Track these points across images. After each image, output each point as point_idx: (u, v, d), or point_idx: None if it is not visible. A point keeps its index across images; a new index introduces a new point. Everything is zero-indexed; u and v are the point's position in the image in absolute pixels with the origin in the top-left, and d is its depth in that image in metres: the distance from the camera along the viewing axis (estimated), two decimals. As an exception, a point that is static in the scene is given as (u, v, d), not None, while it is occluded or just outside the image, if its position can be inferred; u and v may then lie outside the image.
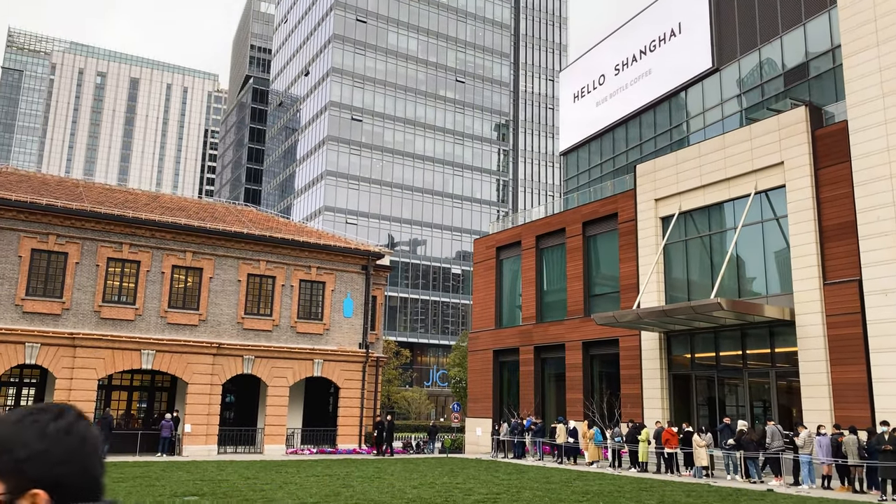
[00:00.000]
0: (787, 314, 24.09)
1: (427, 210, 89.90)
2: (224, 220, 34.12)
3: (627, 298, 30.46)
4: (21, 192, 29.13)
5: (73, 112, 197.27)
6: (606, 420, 29.68)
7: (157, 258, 30.56)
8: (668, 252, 29.49)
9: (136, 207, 31.85)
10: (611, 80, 44.76)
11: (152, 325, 30.01)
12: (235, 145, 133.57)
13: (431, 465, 25.90)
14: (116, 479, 18.94)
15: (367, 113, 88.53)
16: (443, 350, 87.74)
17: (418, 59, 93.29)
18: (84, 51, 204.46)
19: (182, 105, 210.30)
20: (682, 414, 27.76)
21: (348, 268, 34.99)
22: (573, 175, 47.89)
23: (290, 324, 33.10)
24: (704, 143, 28.45)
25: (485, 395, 37.55)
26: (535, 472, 23.91)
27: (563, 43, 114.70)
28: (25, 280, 27.85)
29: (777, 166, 25.52)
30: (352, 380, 33.93)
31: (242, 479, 19.61)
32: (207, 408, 30.30)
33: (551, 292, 35.53)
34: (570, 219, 34.47)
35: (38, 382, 29.57)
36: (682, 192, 28.91)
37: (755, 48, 34.06)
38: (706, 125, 36.47)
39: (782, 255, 25.35)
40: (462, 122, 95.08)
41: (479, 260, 40.31)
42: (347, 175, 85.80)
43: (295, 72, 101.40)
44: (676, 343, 28.72)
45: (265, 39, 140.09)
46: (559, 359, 34.00)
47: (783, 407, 24.87)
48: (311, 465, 25.17)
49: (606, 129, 44.49)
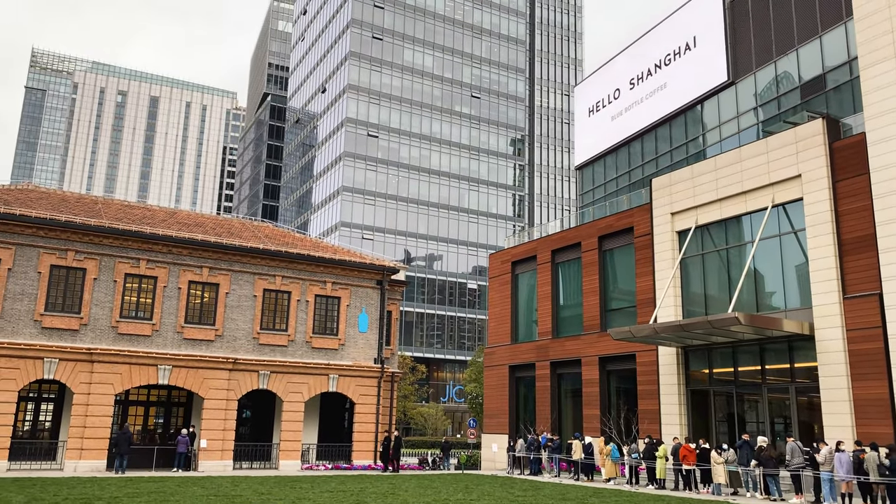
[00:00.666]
0: (806, 329, 23.76)
1: (443, 225, 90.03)
2: (240, 235, 34.34)
3: (644, 313, 30.21)
4: (41, 208, 29.52)
5: (94, 130, 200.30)
6: (624, 436, 29.35)
7: (173, 274, 30.79)
8: (684, 266, 29.25)
9: (153, 224, 32.14)
10: (626, 94, 44.71)
11: (169, 341, 30.18)
12: (253, 162, 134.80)
13: (446, 482, 25.72)
14: (132, 494, 18.98)
15: (384, 129, 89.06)
16: (459, 365, 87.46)
17: (434, 76, 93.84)
18: (105, 70, 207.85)
19: (201, 123, 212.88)
20: (701, 430, 27.39)
21: (363, 283, 35.05)
22: (589, 189, 47.76)
23: (306, 339, 33.15)
24: (720, 157, 28.27)
25: (501, 411, 37.32)
26: (550, 488, 23.66)
27: (578, 58, 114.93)
28: (44, 296, 28.15)
29: (794, 179, 25.29)
30: (367, 395, 33.86)
31: (257, 494, 19.57)
32: (223, 423, 30.34)
33: (567, 307, 35.34)
34: (586, 233, 34.33)
35: (57, 398, 29.79)
36: (699, 205, 28.71)
37: (771, 61, 33.89)
38: (722, 138, 36.27)
39: (801, 269, 25.05)
40: (478, 138, 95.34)
41: (495, 275, 40.21)
42: (363, 191, 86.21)
43: (312, 89, 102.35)
44: (694, 358, 28.40)
45: (283, 57, 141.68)
46: (576, 374, 33.74)
47: (804, 423, 24.46)
48: (325, 480, 25.09)
49: (622, 142, 44.38)
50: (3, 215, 27.49)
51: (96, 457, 27.80)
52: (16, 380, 26.99)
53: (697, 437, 26.41)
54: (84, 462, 27.50)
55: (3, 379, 26.74)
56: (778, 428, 25.36)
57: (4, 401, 26.67)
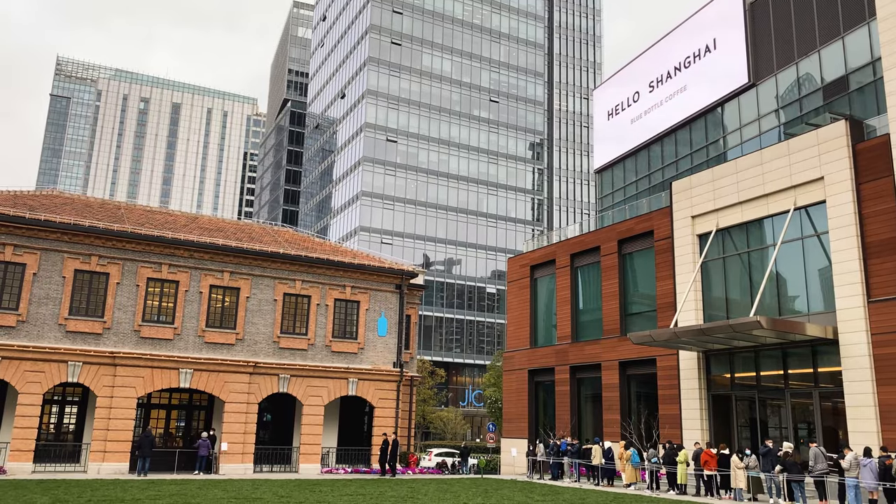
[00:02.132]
0: (829, 333, 23.45)
1: (462, 229, 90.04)
2: (261, 240, 34.61)
3: (664, 317, 29.99)
4: (65, 214, 29.96)
5: (117, 137, 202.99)
6: (644, 441, 29.13)
7: (195, 278, 31.08)
8: (705, 270, 29.00)
9: (175, 229, 32.49)
10: (645, 97, 44.50)
11: (190, 345, 30.46)
12: (274, 167, 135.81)
13: (466, 486, 25.68)
14: (154, 496, 19.17)
15: (402, 134, 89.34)
16: (478, 370, 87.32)
17: (452, 80, 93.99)
18: (128, 77, 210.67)
19: (222, 129, 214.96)
20: (723, 435, 27.11)
21: (382, 287, 35.15)
22: (608, 193, 47.56)
23: (325, 343, 33.30)
24: (742, 159, 28.03)
25: (520, 416, 37.19)
26: (570, 493, 23.54)
27: (597, 61, 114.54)
28: (69, 300, 28.55)
29: (817, 181, 25.00)
30: (386, 399, 33.93)
31: (277, 497, 19.67)
32: (244, 426, 30.54)
33: (587, 311, 35.17)
34: (606, 237, 34.16)
35: (81, 401, 30.17)
36: (720, 208, 28.47)
37: (792, 62, 33.58)
38: (743, 141, 35.97)
39: (824, 273, 24.74)
40: (496, 142, 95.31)
41: (514, 279, 40.14)
42: (382, 195, 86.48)
43: (331, 95, 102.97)
44: (716, 362, 28.14)
45: (302, 63, 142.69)
46: (595, 379, 33.56)
47: (828, 428, 24.12)
48: (344, 484, 25.15)
49: (641, 146, 44.16)
50: (28, 221, 27.93)
51: (119, 459, 28.11)
52: (41, 383, 27.38)
53: (719, 442, 26.14)
54: (107, 464, 27.81)
55: (29, 382, 27.14)
56: (801, 433, 25.03)
57: (30, 403, 27.05)
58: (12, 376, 26.94)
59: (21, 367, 27.11)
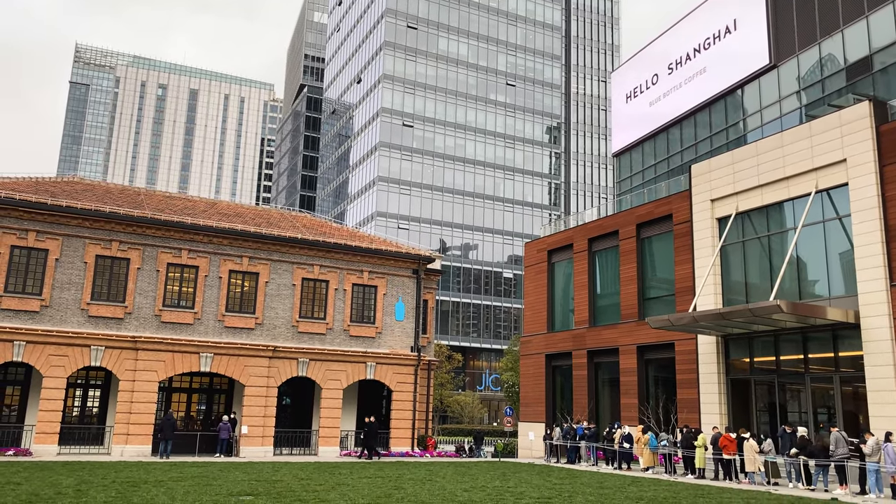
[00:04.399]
0: (851, 317, 23.22)
1: (478, 214, 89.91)
2: (279, 225, 34.78)
3: (683, 301, 29.83)
4: (86, 200, 30.27)
5: (136, 123, 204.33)
6: (662, 425, 29.10)
7: (214, 263, 31.34)
8: (725, 254, 28.78)
9: (194, 214, 32.73)
10: (664, 80, 44.03)
11: (210, 329, 30.77)
12: (291, 153, 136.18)
13: (483, 469, 25.83)
14: (176, 478, 19.46)
15: (419, 118, 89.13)
16: (495, 354, 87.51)
17: (468, 64, 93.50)
18: (146, 64, 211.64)
19: (239, 115, 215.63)
20: (741, 420, 27.00)
21: (399, 272, 35.25)
22: (626, 176, 47.25)
23: (344, 327, 33.50)
24: (762, 142, 27.69)
25: (537, 400, 37.27)
26: (588, 477, 23.61)
27: (614, 43, 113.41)
28: (90, 285, 28.91)
29: (839, 164, 24.66)
30: (404, 383, 34.13)
31: (297, 479, 19.91)
32: (264, 410, 30.88)
33: (604, 296, 35.07)
34: (624, 221, 33.97)
35: (104, 384, 30.63)
36: (739, 192, 28.19)
37: (815, 43, 33.03)
38: (763, 123, 35.53)
39: (845, 256, 24.45)
40: (513, 126, 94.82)
41: (530, 263, 40.07)
42: (399, 180, 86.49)
43: (347, 80, 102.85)
44: (735, 347, 27.98)
45: (318, 49, 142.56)
46: (613, 363, 33.51)
47: (849, 413, 23.95)
48: (363, 466, 25.39)
49: (660, 129, 43.75)
50: (50, 207, 28.27)
51: (142, 442, 28.55)
52: (64, 367, 27.82)
53: (738, 426, 26.05)
54: (130, 447, 28.27)
55: (53, 366, 27.59)
56: (821, 418, 24.88)
57: (54, 387, 27.51)
58: (37, 360, 27.39)
59: (45, 351, 27.56)
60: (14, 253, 27.95)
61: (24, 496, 14.70)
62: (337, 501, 15.19)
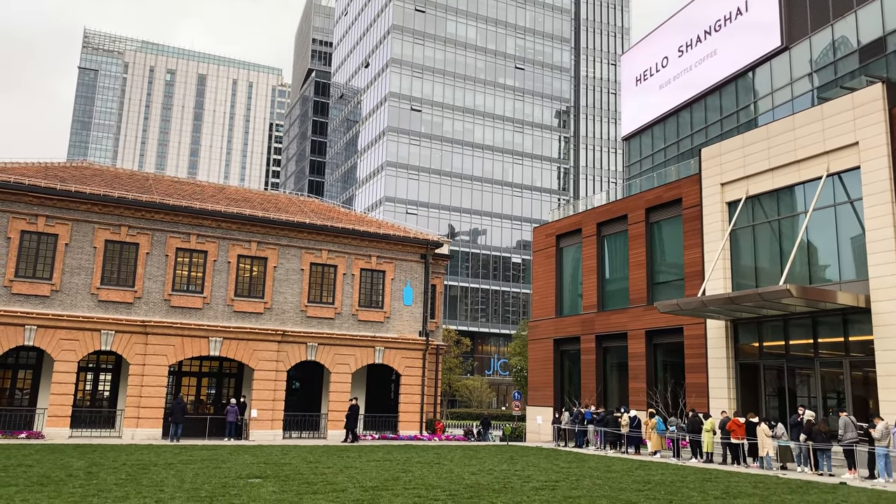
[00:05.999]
0: (861, 301, 23.07)
1: (487, 199, 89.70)
2: (287, 210, 34.81)
3: (692, 286, 29.72)
4: (95, 185, 30.35)
5: (144, 109, 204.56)
6: (670, 410, 29.08)
7: (223, 248, 31.42)
8: (734, 238, 28.60)
9: (202, 199, 32.78)
10: (674, 63, 43.63)
11: (219, 313, 30.90)
12: (299, 138, 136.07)
13: (491, 453, 25.92)
14: (186, 461, 19.63)
15: (427, 103, 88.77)
16: (503, 339, 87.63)
17: (477, 47, 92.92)
18: (154, 49, 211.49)
19: (248, 100, 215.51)
20: (750, 404, 26.95)
21: (407, 257, 35.26)
22: (636, 160, 46.96)
23: (352, 312, 33.58)
24: (773, 125, 27.42)
25: (545, 384, 37.32)
26: (596, 461, 23.65)
27: (625, 26, 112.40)
28: (100, 270, 29.06)
29: (851, 147, 24.40)
30: (412, 367, 34.23)
31: (305, 462, 20.03)
32: (273, 394, 31.05)
33: (613, 280, 34.97)
34: (633, 205, 33.80)
35: (114, 368, 30.86)
36: (750, 175, 27.96)
37: (827, 24, 32.60)
38: (775, 106, 35.17)
39: (856, 240, 24.25)
40: (522, 110, 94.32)
41: (539, 248, 39.98)
42: (407, 165, 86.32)
43: (355, 64, 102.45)
44: (744, 331, 27.88)
45: (326, 33, 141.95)
46: (621, 348, 33.48)
47: (858, 398, 23.86)
48: (372, 450, 25.53)
49: (670, 112, 43.41)
50: (59, 192, 28.36)
51: (152, 425, 28.79)
52: (75, 351, 28.03)
53: (746, 411, 26.01)
54: (141, 430, 28.52)
55: (64, 350, 27.80)
56: (830, 402, 24.80)
57: (65, 371, 27.74)
58: (48, 344, 27.60)
59: (56, 335, 27.76)
60: (24, 238, 28.10)
61: (35, 478, 14.85)
62: (345, 484, 15.28)
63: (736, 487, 16.81)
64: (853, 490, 17.02)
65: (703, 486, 17.00)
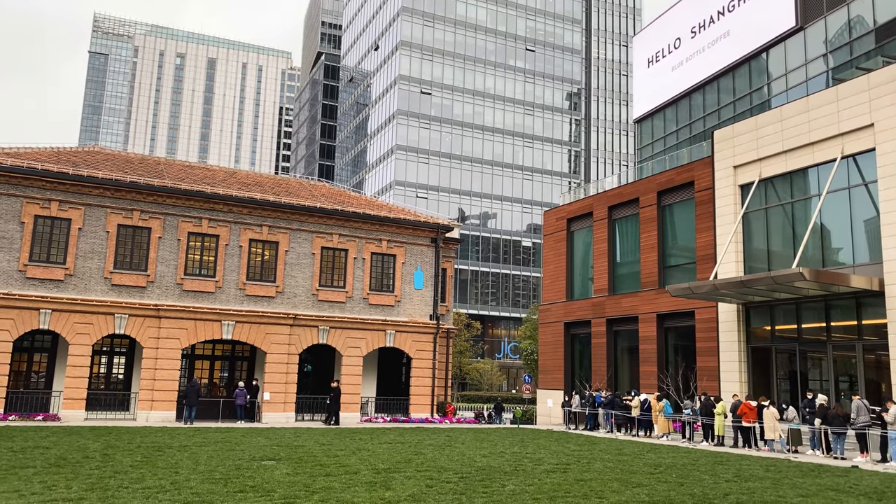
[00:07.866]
0: (875, 284, 22.91)
1: (497, 183, 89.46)
2: (298, 194, 34.86)
3: (704, 269, 29.59)
4: (107, 170, 30.48)
5: (155, 93, 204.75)
6: (681, 393, 29.09)
7: (234, 232, 31.54)
8: (747, 221, 28.43)
9: (214, 183, 32.87)
10: (687, 44, 43.17)
11: (232, 297, 31.08)
12: (309, 122, 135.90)
13: (502, 436, 26.05)
14: (200, 443, 19.84)
15: (437, 86, 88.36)
16: (514, 322, 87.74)
17: (487, 29, 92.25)
18: (164, 33, 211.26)
19: (257, 83, 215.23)
20: (762, 388, 26.91)
21: (418, 241, 35.28)
22: (647, 143, 46.64)
23: (363, 295, 33.69)
24: (787, 107, 27.12)
25: (556, 368, 37.39)
26: (606, 443, 23.73)
27: (637, 7, 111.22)
28: (113, 254, 29.25)
29: (866, 128, 24.12)
30: (423, 350, 34.36)
31: (318, 445, 20.21)
32: (285, 377, 31.28)
33: (624, 264, 34.88)
34: (644, 188, 33.62)
35: (128, 351, 31.16)
36: (763, 158, 27.72)
37: (843, 4, 32.13)
38: (788, 88, 34.79)
39: (871, 223, 24.04)
40: (532, 93, 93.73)
41: (550, 232, 39.89)
42: (417, 149, 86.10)
43: (365, 47, 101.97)
44: (756, 315, 27.77)
45: (335, 15, 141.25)
46: (632, 331, 33.45)
47: (870, 381, 23.77)
48: (384, 432, 25.71)
49: (682, 94, 43.03)
50: (72, 177, 28.51)
51: (166, 408, 29.09)
52: (89, 334, 28.30)
53: (758, 394, 25.98)
54: (155, 413, 28.82)
55: (78, 334, 28.07)
56: (843, 386, 24.72)
57: (80, 354, 28.03)
58: (62, 328, 27.88)
59: (70, 319, 28.02)
60: (38, 223, 28.30)
61: (52, 459, 15.06)
62: (357, 466, 15.41)
63: (747, 470, 16.83)
64: (865, 473, 17.00)
65: (715, 468, 17.04)
